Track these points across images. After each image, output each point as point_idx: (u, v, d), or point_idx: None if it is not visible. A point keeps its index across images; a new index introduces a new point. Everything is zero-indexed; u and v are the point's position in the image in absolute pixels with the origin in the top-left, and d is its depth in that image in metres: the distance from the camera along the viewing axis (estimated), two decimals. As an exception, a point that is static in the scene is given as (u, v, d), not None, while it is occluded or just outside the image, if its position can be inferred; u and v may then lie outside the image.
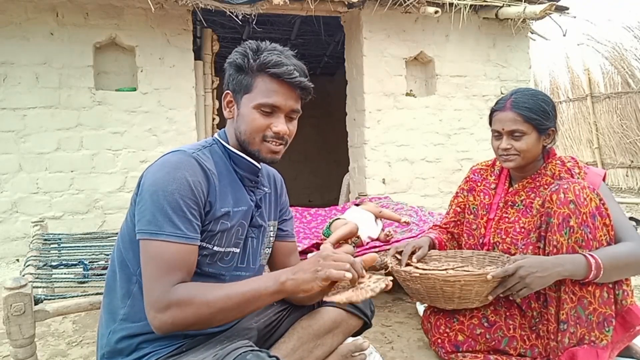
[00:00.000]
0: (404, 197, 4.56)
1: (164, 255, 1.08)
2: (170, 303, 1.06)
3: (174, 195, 1.10)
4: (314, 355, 1.37)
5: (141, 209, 1.11)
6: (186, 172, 1.13)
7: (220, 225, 1.19)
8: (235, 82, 1.25)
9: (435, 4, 4.38)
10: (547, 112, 1.65)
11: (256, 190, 1.33)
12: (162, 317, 1.06)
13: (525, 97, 1.66)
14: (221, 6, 3.80)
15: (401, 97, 4.71)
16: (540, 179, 1.70)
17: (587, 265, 1.43)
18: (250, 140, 1.25)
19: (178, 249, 1.09)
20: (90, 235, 2.86)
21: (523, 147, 1.64)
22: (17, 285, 1.48)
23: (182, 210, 1.10)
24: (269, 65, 1.21)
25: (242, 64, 1.23)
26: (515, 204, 1.73)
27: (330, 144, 7.84)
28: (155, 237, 1.09)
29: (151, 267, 1.09)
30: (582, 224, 1.46)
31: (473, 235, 1.82)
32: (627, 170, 7.22)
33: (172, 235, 1.09)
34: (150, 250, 1.09)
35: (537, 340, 1.60)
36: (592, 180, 1.60)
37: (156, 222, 1.09)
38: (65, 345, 2.08)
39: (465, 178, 1.95)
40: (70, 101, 3.86)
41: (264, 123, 1.23)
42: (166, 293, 1.06)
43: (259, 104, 1.22)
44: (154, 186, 1.11)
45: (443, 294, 1.55)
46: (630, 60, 6.87)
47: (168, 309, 1.06)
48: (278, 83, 1.23)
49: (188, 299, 1.07)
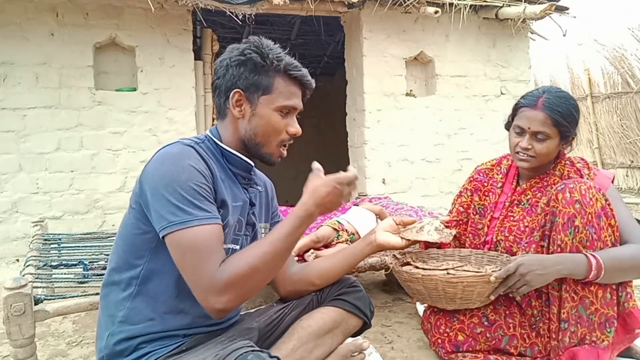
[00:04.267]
0: (404, 197, 4.55)
1: (202, 240, 1.07)
2: (227, 282, 1.06)
3: (188, 183, 1.09)
4: (314, 355, 1.37)
5: (158, 206, 1.09)
6: (190, 161, 1.13)
7: (222, 216, 1.18)
8: (249, 81, 1.23)
9: (435, 4, 4.38)
10: (576, 119, 1.61)
11: (250, 189, 1.33)
12: (224, 298, 1.06)
13: (559, 100, 1.60)
14: (221, 6, 3.80)
15: (401, 97, 4.71)
16: (548, 179, 1.69)
17: (588, 264, 1.42)
18: (265, 142, 1.25)
19: (212, 230, 1.09)
20: (90, 235, 2.86)
21: (543, 151, 1.61)
22: (17, 285, 1.48)
23: (201, 195, 1.10)
24: (291, 68, 1.23)
25: (262, 63, 1.22)
26: (521, 203, 1.72)
27: (330, 144, 7.83)
28: (187, 225, 1.07)
29: (191, 256, 1.07)
30: (587, 224, 1.45)
31: (478, 234, 1.81)
32: (627, 170, 7.22)
33: (203, 219, 1.08)
34: (185, 241, 1.07)
35: (537, 338, 1.60)
36: (601, 182, 1.59)
37: (182, 211, 1.07)
38: (65, 345, 2.08)
39: (469, 178, 1.92)
40: (70, 101, 3.85)
41: (282, 124, 1.25)
42: (218, 275, 1.06)
43: (281, 105, 1.24)
44: (164, 179, 1.09)
45: (445, 294, 1.55)
46: (630, 61, 6.87)
47: (228, 289, 1.06)
48: (296, 85, 1.26)
49: (241, 272, 1.07)
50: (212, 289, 1.05)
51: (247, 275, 1.08)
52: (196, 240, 1.07)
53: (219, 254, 1.09)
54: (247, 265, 1.08)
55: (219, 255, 1.08)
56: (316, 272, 1.48)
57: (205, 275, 1.06)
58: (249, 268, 1.08)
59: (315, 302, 1.47)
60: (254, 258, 1.09)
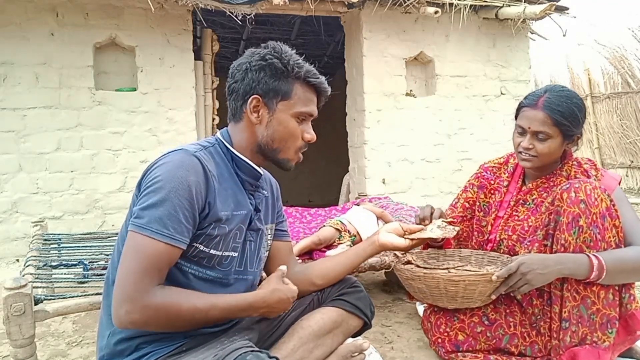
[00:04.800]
0: (404, 197, 4.55)
1: (147, 252, 1.07)
2: (149, 305, 1.05)
3: (170, 193, 1.09)
4: (314, 355, 1.37)
5: (138, 204, 1.11)
6: (186, 172, 1.12)
7: (219, 229, 1.18)
8: (268, 86, 1.23)
9: (435, 4, 4.38)
10: (578, 118, 1.59)
11: (256, 194, 1.33)
12: (136, 316, 1.05)
13: (560, 99, 1.58)
14: (221, 6, 3.80)
15: (401, 97, 4.71)
16: (554, 179, 1.68)
17: (589, 265, 1.42)
18: (282, 147, 1.26)
19: (161, 249, 1.07)
20: (90, 235, 2.86)
21: (545, 151, 1.59)
22: (17, 285, 1.47)
23: (175, 210, 1.09)
24: (310, 75, 1.24)
25: (283, 69, 1.23)
26: (526, 203, 1.71)
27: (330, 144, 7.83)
28: (142, 231, 1.07)
29: (131, 260, 1.07)
30: (591, 224, 1.45)
31: (482, 232, 1.80)
32: (627, 170, 7.23)
33: (157, 233, 1.07)
34: (135, 244, 1.08)
35: (537, 337, 1.59)
36: (608, 184, 1.58)
37: (145, 216, 1.08)
38: (65, 345, 2.08)
39: (475, 174, 1.89)
40: (70, 101, 3.85)
41: (299, 131, 1.27)
42: (145, 293, 1.05)
43: (299, 112, 1.25)
44: (153, 183, 1.11)
45: (446, 293, 1.55)
46: (630, 61, 6.87)
47: (144, 310, 1.05)
48: (313, 92, 1.28)
49: (167, 306, 1.07)
50: (133, 301, 1.05)
51: (169, 313, 1.07)
52: (145, 250, 1.07)
53: (158, 276, 1.08)
54: (177, 306, 1.08)
55: (157, 276, 1.08)
56: (318, 273, 1.48)
57: (134, 285, 1.05)
58: (175, 309, 1.08)
59: (315, 303, 1.47)
60: (186, 305, 1.09)
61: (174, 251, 1.10)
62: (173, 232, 1.08)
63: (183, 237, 1.10)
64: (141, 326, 1.08)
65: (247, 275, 1.30)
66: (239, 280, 1.27)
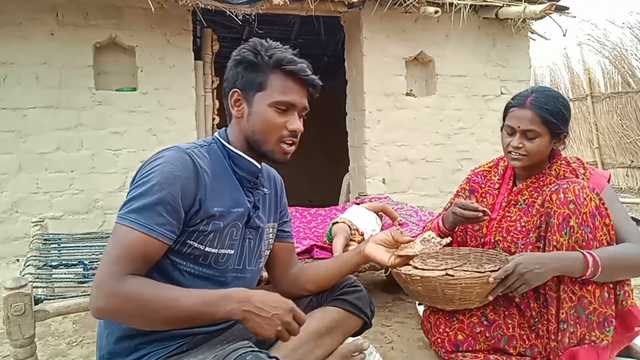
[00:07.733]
0: (404, 197, 4.55)
1: (121, 240, 1.08)
2: (117, 293, 1.04)
3: (153, 187, 1.10)
4: (314, 355, 1.37)
5: (129, 194, 1.13)
6: (174, 167, 1.13)
7: (212, 225, 1.18)
8: (245, 80, 1.23)
9: (435, 4, 4.38)
10: (565, 116, 1.63)
11: (255, 191, 1.33)
12: (103, 302, 1.04)
13: (547, 98, 1.62)
14: (221, 6, 3.80)
15: (401, 97, 4.71)
16: (544, 179, 1.70)
17: (584, 262, 1.43)
18: (265, 139, 1.24)
19: (136, 237, 1.07)
20: (90, 235, 2.86)
21: (534, 149, 1.62)
22: (17, 285, 1.48)
23: (157, 201, 1.09)
24: (284, 62, 1.21)
25: (255, 60, 1.22)
26: (518, 203, 1.72)
27: (330, 144, 7.83)
28: (120, 220, 1.09)
29: (110, 249, 1.09)
30: (582, 224, 1.46)
31: (475, 236, 1.81)
32: (627, 170, 7.22)
33: (133, 222, 1.08)
34: (113, 234, 1.10)
35: (536, 339, 1.60)
36: (597, 182, 1.59)
37: (126, 207, 1.10)
38: (65, 345, 2.08)
39: (466, 178, 1.93)
40: (70, 101, 3.85)
41: (280, 121, 1.23)
42: (115, 281, 1.04)
43: (275, 101, 1.22)
44: (140, 178, 1.13)
45: (444, 295, 1.55)
46: (630, 60, 6.87)
47: (112, 297, 1.04)
48: (293, 80, 1.23)
49: (134, 294, 1.05)
50: (104, 287, 1.05)
51: (137, 301, 1.05)
52: (120, 239, 1.08)
53: (132, 263, 1.07)
54: (145, 294, 1.05)
55: (131, 265, 1.07)
56: (308, 279, 1.46)
57: (108, 272, 1.05)
58: (144, 298, 1.05)
59: (315, 302, 1.47)
60: (153, 296, 1.06)
61: (150, 241, 1.08)
62: (150, 223, 1.08)
63: (163, 229, 1.09)
64: (111, 314, 1.07)
65: (245, 274, 1.30)
66: (236, 278, 1.27)
